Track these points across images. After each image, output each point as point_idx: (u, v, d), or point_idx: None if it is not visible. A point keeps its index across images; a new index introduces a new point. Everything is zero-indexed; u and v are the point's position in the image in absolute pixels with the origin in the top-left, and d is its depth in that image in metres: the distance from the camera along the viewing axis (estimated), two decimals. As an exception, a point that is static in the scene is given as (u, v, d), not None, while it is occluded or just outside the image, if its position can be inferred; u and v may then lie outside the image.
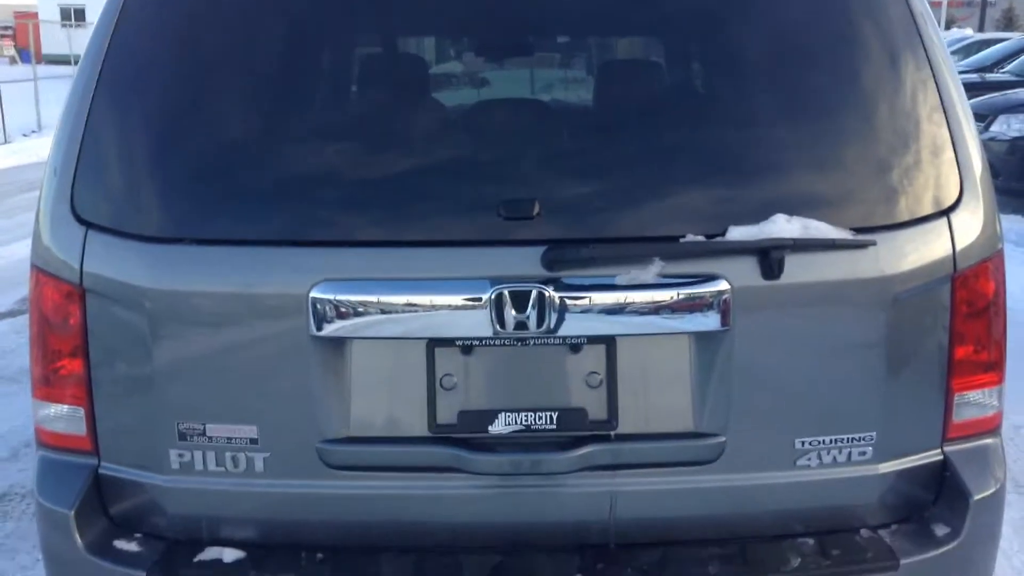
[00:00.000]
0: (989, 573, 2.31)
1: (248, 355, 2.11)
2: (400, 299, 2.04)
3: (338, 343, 2.08)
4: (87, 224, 2.12)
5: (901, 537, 2.18)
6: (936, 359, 2.16)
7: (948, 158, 2.15)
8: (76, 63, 2.30)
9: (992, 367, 2.20)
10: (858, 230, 2.06)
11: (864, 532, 2.20)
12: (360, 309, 2.04)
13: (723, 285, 2.04)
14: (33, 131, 17.74)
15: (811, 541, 2.18)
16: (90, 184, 2.14)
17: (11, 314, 7.26)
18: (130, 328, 2.11)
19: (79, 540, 2.14)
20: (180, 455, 2.14)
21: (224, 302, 2.09)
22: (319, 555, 2.17)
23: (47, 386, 2.20)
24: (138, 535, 2.21)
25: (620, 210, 2.08)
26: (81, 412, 2.18)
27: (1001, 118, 9.90)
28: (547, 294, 2.01)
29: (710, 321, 2.06)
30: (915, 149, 2.15)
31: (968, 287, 2.15)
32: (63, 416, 2.20)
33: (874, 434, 2.15)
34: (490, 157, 2.12)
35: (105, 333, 2.13)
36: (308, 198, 2.11)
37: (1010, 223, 9.38)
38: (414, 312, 2.04)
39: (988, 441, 2.26)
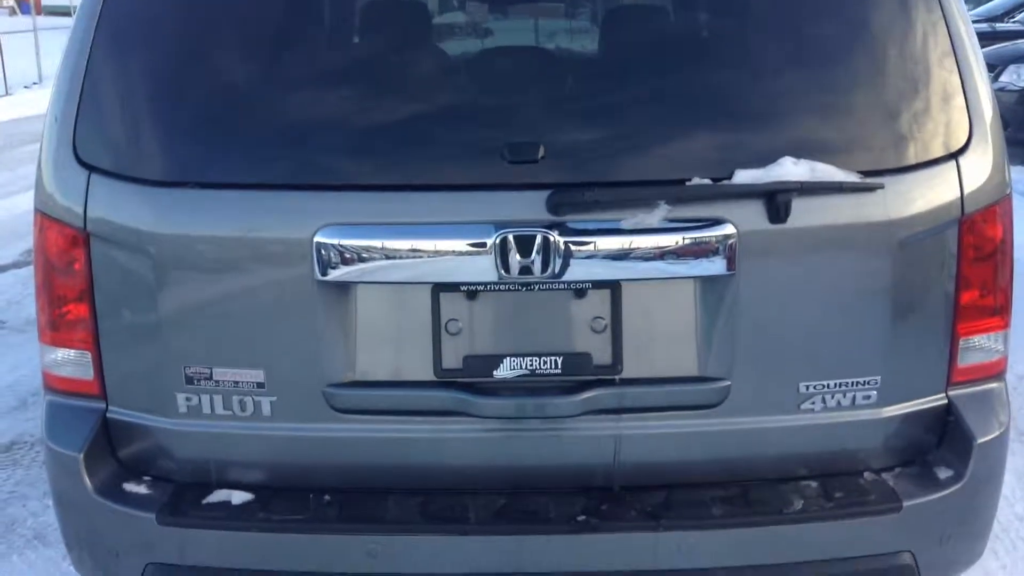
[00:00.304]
0: (991, 516, 2.33)
1: (253, 300, 2.11)
2: (404, 244, 2.03)
3: (343, 288, 2.08)
4: (90, 168, 2.11)
5: (904, 480, 2.20)
6: (942, 304, 2.16)
7: (958, 102, 2.13)
8: (76, 13, 2.27)
9: (998, 312, 2.20)
10: (866, 173, 2.04)
11: (867, 475, 2.22)
12: (364, 254, 2.04)
13: (729, 229, 2.03)
14: (34, 83, 17.63)
15: (814, 484, 2.19)
16: (92, 128, 2.12)
17: (16, 265, 7.27)
18: (135, 273, 2.11)
19: (88, 483, 2.16)
20: (187, 399, 2.16)
21: (228, 246, 2.08)
22: (326, 497, 2.19)
23: (54, 331, 2.21)
24: (147, 478, 2.23)
25: (625, 154, 2.06)
26: (88, 357, 2.19)
27: (1011, 68, 9.79)
28: (552, 238, 2.00)
29: (716, 266, 2.05)
30: (924, 92, 2.12)
31: (975, 231, 2.14)
32: (70, 361, 2.21)
33: (878, 378, 2.16)
34: (495, 101, 2.10)
35: (110, 278, 2.13)
36: (312, 142, 2.09)
37: (1018, 174, 9.29)
38: (418, 257, 2.04)
39: (992, 385, 2.26)
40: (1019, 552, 3.44)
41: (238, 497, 2.19)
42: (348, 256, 2.03)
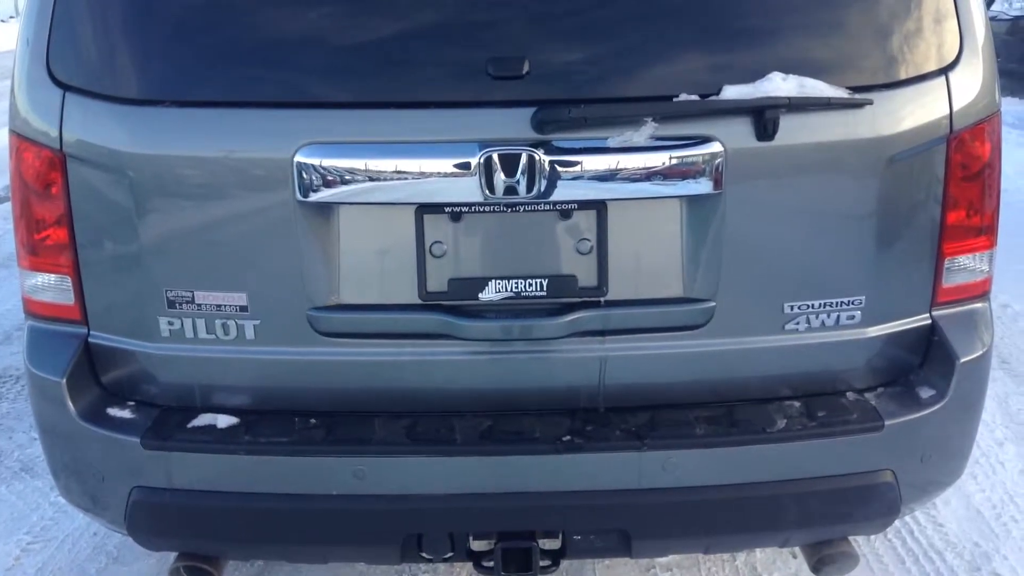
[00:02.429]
0: (972, 436, 2.35)
1: (234, 222, 2.08)
2: (386, 163, 2.00)
3: (325, 209, 2.05)
4: (64, 87, 2.07)
5: (886, 399, 2.21)
6: (928, 223, 2.15)
7: (948, 17, 2.10)
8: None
9: (984, 231, 2.19)
10: (855, 89, 2.02)
11: (850, 395, 2.23)
12: (346, 174, 2.00)
13: (716, 147, 2.01)
14: (11, 16, 17.28)
15: (797, 403, 2.21)
16: (65, 45, 2.07)
17: (-2, 201, 7.19)
18: (112, 194, 2.07)
19: (72, 407, 2.15)
20: (170, 323, 2.14)
21: (207, 167, 2.05)
22: (312, 420, 2.19)
23: (33, 255, 2.18)
24: (131, 402, 2.22)
25: (612, 70, 2.02)
26: (68, 281, 2.16)
27: (1003, -4, 9.69)
28: (537, 157, 1.97)
29: (702, 185, 2.03)
30: (915, 7, 2.09)
31: (964, 150, 2.12)
32: (51, 286, 2.19)
33: (863, 298, 2.16)
34: (478, 15, 2.05)
35: (88, 200, 2.10)
36: (292, 59, 2.04)
37: (1008, 105, 9.24)
38: (401, 177, 2.01)
39: (977, 306, 2.26)
40: (998, 476, 3.50)
41: (223, 421, 2.18)
42: (329, 177, 2.00)
